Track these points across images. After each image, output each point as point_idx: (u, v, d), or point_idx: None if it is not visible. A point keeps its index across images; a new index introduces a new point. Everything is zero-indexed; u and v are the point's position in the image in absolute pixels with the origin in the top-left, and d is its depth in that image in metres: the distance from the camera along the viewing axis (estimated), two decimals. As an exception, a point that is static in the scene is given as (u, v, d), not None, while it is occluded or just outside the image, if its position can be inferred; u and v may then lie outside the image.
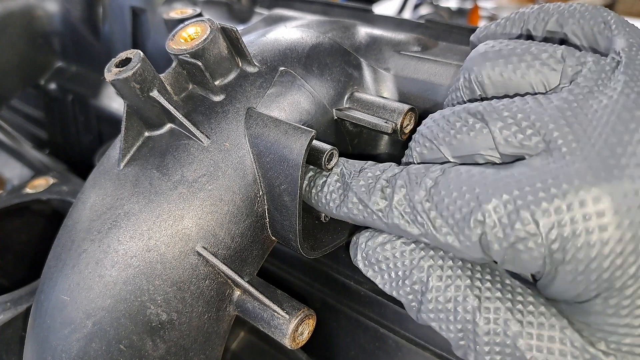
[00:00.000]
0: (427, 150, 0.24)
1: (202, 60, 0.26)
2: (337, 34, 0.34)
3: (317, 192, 0.27)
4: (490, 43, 0.25)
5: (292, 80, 0.29)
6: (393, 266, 0.24)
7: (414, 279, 0.23)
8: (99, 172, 0.28)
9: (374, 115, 0.30)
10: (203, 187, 0.25)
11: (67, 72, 0.61)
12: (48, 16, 0.58)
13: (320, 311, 0.40)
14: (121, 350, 0.24)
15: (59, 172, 0.49)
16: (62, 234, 0.27)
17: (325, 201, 0.26)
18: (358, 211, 0.25)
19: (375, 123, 0.29)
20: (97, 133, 0.60)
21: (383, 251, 0.25)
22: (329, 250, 0.29)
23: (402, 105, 0.29)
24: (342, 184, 0.26)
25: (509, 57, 0.24)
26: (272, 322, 0.26)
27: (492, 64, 0.24)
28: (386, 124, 0.29)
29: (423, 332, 0.35)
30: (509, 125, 0.22)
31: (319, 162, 0.26)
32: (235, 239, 0.26)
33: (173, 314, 0.25)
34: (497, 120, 0.22)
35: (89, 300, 0.24)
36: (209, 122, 0.27)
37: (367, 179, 0.25)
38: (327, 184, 0.26)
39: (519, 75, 0.24)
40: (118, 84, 0.24)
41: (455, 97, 0.26)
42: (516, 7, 1.49)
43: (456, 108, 0.24)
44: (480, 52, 0.25)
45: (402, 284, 0.24)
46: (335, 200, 0.26)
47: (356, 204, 0.25)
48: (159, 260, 0.24)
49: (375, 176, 0.25)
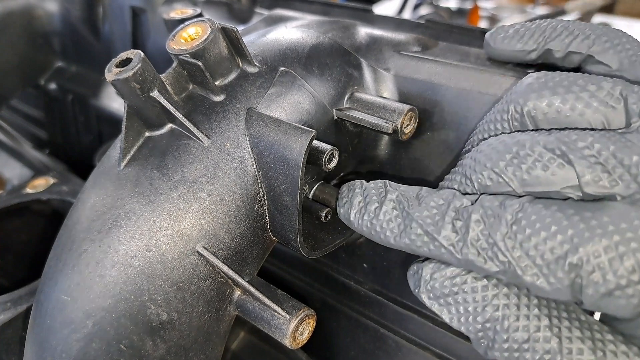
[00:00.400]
0: (492, 182, 0.24)
1: (203, 60, 0.26)
2: (337, 34, 0.34)
3: (371, 219, 0.26)
4: (536, 76, 0.25)
5: (292, 80, 0.29)
6: (462, 301, 0.23)
7: (487, 316, 0.23)
8: (99, 172, 0.28)
9: (374, 115, 0.30)
10: (203, 187, 0.25)
11: (67, 72, 0.61)
12: (48, 16, 0.58)
13: (320, 311, 0.40)
14: (121, 350, 0.24)
15: (59, 172, 0.49)
16: (62, 234, 0.27)
17: (381, 230, 0.25)
18: (423, 243, 0.24)
19: (375, 123, 0.29)
20: (97, 133, 0.60)
21: (452, 285, 0.24)
22: (329, 250, 0.29)
23: (402, 105, 0.29)
24: (400, 212, 0.25)
25: (566, 95, 0.23)
26: (272, 322, 0.26)
27: (548, 100, 0.23)
28: (386, 124, 0.29)
29: (423, 332, 0.35)
30: (595, 165, 0.21)
31: (319, 162, 0.26)
32: (235, 239, 0.26)
33: (173, 314, 0.25)
34: (582, 159, 0.21)
35: (89, 300, 0.24)
36: (209, 122, 0.27)
37: (431, 209, 0.24)
38: (382, 212, 0.25)
39: (577, 113, 0.23)
40: (118, 84, 0.24)
41: (499, 128, 0.26)
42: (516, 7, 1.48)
43: (520, 138, 0.23)
44: (534, 87, 0.24)
45: (473, 320, 0.23)
46: (394, 229, 0.25)
47: (421, 236, 0.24)
48: (160, 260, 0.24)
49: (440, 206, 0.24)
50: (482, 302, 0.23)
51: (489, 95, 0.29)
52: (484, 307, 0.23)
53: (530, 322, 0.22)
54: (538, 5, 1.49)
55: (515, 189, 0.23)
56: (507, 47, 0.29)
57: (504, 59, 0.30)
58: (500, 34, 0.29)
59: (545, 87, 0.24)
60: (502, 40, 0.29)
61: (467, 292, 0.23)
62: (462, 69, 0.31)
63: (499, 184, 0.23)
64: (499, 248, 0.22)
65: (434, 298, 0.24)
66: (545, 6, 1.46)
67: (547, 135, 0.23)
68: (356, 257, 0.37)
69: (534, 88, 0.24)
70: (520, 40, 0.28)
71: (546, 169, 0.22)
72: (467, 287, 0.23)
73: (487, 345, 0.23)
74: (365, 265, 0.37)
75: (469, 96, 0.29)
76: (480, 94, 0.29)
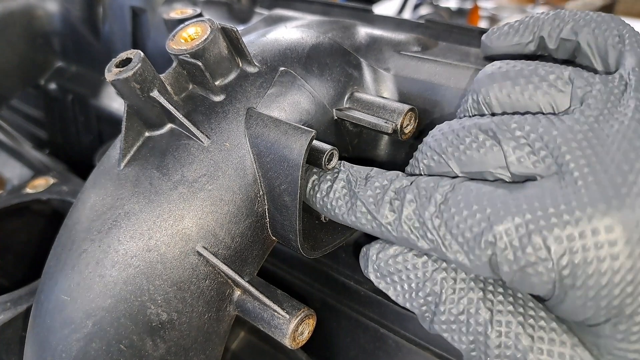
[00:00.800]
0: (434, 163, 0.24)
1: (202, 60, 0.26)
2: (337, 34, 0.34)
3: (323, 196, 0.27)
4: (497, 64, 0.25)
5: (292, 80, 0.29)
6: (406, 278, 0.24)
7: (427, 290, 0.24)
8: (99, 172, 0.28)
9: (374, 115, 0.30)
10: (203, 187, 0.25)
11: (67, 72, 0.61)
12: (48, 16, 0.58)
13: (320, 311, 0.40)
14: (121, 350, 0.24)
15: (59, 172, 0.49)
16: (62, 234, 0.27)
17: (331, 207, 0.26)
18: (367, 221, 0.25)
19: (375, 123, 0.29)
20: (97, 133, 0.60)
21: (395, 263, 0.25)
22: (329, 250, 0.29)
23: (402, 105, 0.29)
24: (348, 190, 0.26)
25: (516, 79, 0.24)
26: (272, 322, 0.26)
27: (499, 85, 0.24)
28: (386, 124, 0.29)
29: (423, 332, 0.35)
30: (522, 146, 0.22)
31: (319, 162, 0.26)
32: (235, 239, 0.26)
33: (173, 313, 0.25)
34: (510, 140, 0.22)
35: (89, 300, 0.24)
36: (209, 122, 0.27)
37: (375, 189, 0.25)
38: (333, 190, 0.26)
39: (527, 96, 0.24)
40: (118, 84, 0.24)
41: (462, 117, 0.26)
42: (516, 7, 1.49)
43: (465, 122, 0.24)
44: (487, 73, 0.25)
45: (416, 295, 0.24)
46: (342, 207, 0.26)
47: (365, 214, 0.25)
48: (159, 260, 0.24)
49: (383, 186, 0.25)
50: (423, 277, 0.24)
51: (488, 95, 0.29)
52: (424, 283, 0.24)
53: (465, 295, 0.23)
54: (538, 5, 1.49)
55: (454, 169, 0.24)
56: (504, 43, 0.29)
57: (502, 55, 0.30)
58: (495, 32, 0.29)
59: (499, 73, 0.25)
60: (498, 37, 0.29)
61: (409, 269, 0.24)
62: (462, 69, 0.31)
63: (440, 164, 0.24)
64: (427, 227, 0.22)
65: (381, 277, 0.25)
66: (545, 6, 1.46)
67: (486, 118, 0.24)
68: (356, 257, 0.37)
69: (487, 74, 0.25)
70: (516, 33, 0.28)
71: (480, 150, 0.23)
72: (408, 264, 0.24)
73: (430, 319, 0.24)
74: (365, 265, 0.37)
75: (469, 96, 0.29)
76: (480, 94, 0.29)
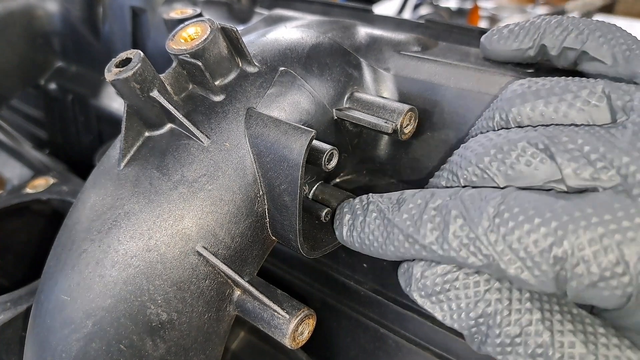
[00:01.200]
0: (477, 178, 0.24)
1: (202, 60, 0.26)
2: (337, 34, 0.34)
3: (359, 233, 0.26)
4: (525, 82, 0.25)
5: (292, 80, 0.29)
6: (454, 298, 0.23)
7: (480, 311, 0.22)
8: (99, 172, 0.28)
9: (374, 115, 0.30)
10: (203, 187, 0.25)
11: (67, 72, 0.61)
12: (48, 16, 0.58)
13: (320, 311, 0.40)
14: (121, 350, 0.24)
15: (59, 172, 0.49)
16: (62, 234, 0.27)
17: (369, 242, 0.25)
18: (406, 248, 0.24)
19: (375, 123, 0.29)
20: (97, 133, 0.60)
21: (443, 283, 0.23)
22: (329, 250, 0.29)
23: (402, 105, 0.29)
24: (382, 220, 0.25)
25: (549, 97, 0.24)
26: (272, 322, 0.26)
27: (531, 105, 0.24)
28: (386, 124, 0.29)
29: (423, 332, 0.35)
30: (577, 158, 0.21)
31: (319, 162, 0.26)
32: (235, 239, 0.26)
33: (173, 313, 0.25)
34: (564, 153, 0.21)
35: (89, 300, 0.24)
36: (209, 122, 0.27)
37: (410, 211, 0.24)
38: (367, 224, 0.25)
39: (561, 114, 0.23)
40: (118, 84, 0.24)
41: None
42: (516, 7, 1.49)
43: (510, 135, 0.23)
44: (518, 93, 0.25)
45: (466, 316, 0.23)
46: (379, 238, 0.25)
47: (402, 241, 0.24)
48: (159, 260, 0.24)
49: (418, 205, 0.24)
50: (474, 297, 0.23)
51: (488, 95, 0.29)
52: (476, 303, 0.23)
53: (522, 316, 0.22)
54: (538, 5, 1.49)
55: (500, 184, 0.23)
56: (504, 48, 0.29)
57: (501, 59, 0.30)
58: (495, 35, 0.29)
59: (530, 92, 0.24)
60: (498, 41, 0.29)
61: (459, 289, 0.23)
62: (461, 69, 0.31)
63: (484, 179, 0.23)
64: (481, 242, 0.21)
65: (426, 296, 0.24)
66: (545, 6, 1.46)
67: (531, 131, 0.23)
68: (356, 257, 0.37)
69: (517, 94, 0.25)
70: (516, 39, 0.28)
71: (529, 164, 0.22)
72: (458, 283, 0.23)
73: (481, 340, 0.23)
74: (365, 265, 0.37)
75: (469, 96, 0.29)
76: (479, 94, 0.29)
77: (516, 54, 0.28)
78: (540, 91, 0.24)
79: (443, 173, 0.26)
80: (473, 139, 0.25)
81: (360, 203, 0.27)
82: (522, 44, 0.28)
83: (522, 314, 0.22)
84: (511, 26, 0.29)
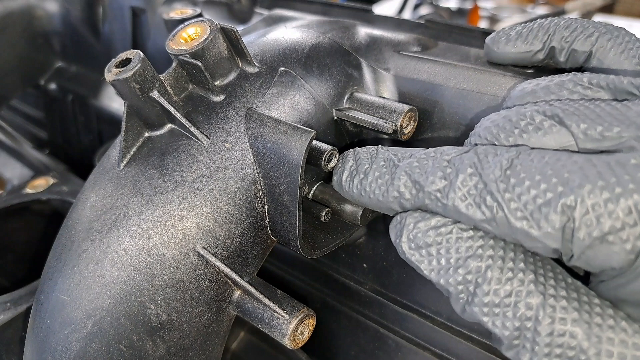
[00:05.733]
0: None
1: (202, 60, 0.26)
2: (337, 34, 0.34)
3: (361, 179, 0.25)
4: (532, 82, 0.25)
5: (292, 80, 0.29)
6: (445, 252, 0.22)
7: (470, 267, 0.21)
8: (99, 172, 0.28)
9: (374, 115, 0.30)
10: (203, 188, 0.25)
11: (67, 72, 0.61)
12: (48, 16, 0.58)
13: (320, 311, 0.40)
14: (121, 350, 0.24)
15: (59, 172, 0.49)
16: (62, 234, 0.27)
17: (370, 189, 0.25)
18: (410, 195, 0.23)
19: (375, 123, 0.29)
20: (97, 133, 0.60)
21: (436, 235, 0.22)
22: (329, 250, 0.29)
23: (402, 105, 0.29)
24: (389, 168, 0.24)
25: (548, 88, 0.24)
26: (272, 322, 0.26)
27: (532, 98, 0.24)
28: (386, 124, 0.29)
29: (423, 332, 0.35)
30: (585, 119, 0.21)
31: (319, 163, 0.26)
32: (235, 239, 0.26)
33: (173, 314, 0.25)
34: (573, 115, 0.21)
35: (88, 300, 0.24)
36: (209, 123, 0.27)
37: (422, 160, 0.23)
38: (372, 170, 0.25)
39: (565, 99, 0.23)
40: (118, 85, 0.24)
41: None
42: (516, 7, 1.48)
43: (519, 109, 0.23)
44: (527, 91, 0.25)
45: (454, 271, 0.22)
46: (381, 186, 0.24)
47: (409, 187, 0.23)
48: (159, 261, 0.24)
49: (431, 157, 0.23)
50: (466, 252, 0.22)
51: (488, 95, 0.29)
52: (467, 258, 0.22)
53: (514, 275, 0.21)
54: (538, 5, 1.49)
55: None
56: (512, 49, 0.29)
57: (508, 62, 0.30)
58: (502, 36, 0.29)
59: (539, 89, 0.24)
60: (506, 42, 0.29)
61: (451, 242, 0.22)
62: (461, 69, 0.31)
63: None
64: (489, 191, 0.21)
65: (415, 248, 0.23)
66: (545, 6, 1.46)
67: (540, 104, 0.23)
68: (356, 257, 0.37)
69: (529, 93, 0.25)
70: (525, 41, 0.28)
71: (538, 131, 0.22)
72: (452, 237, 0.22)
73: (467, 300, 0.22)
74: (365, 265, 0.37)
75: (469, 96, 0.29)
76: (479, 94, 0.29)
77: (524, 56, 0.28)
78: (550, 87, 0.24)
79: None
80: (484, 118, 0.25)
81: (368, 151, 0.26)
82: (532, 46, 0.28)
83: (514, 273, 0.21)
84: (517, 28, 0.29)
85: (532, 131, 0.22)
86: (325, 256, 0.32)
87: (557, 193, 0.19)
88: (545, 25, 0.28)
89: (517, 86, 0.26)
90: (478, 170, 0.21)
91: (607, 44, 0.25)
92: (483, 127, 0.24)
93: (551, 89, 0.24)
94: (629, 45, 0.25)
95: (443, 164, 0.23)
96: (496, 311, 0.21)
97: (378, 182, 0.24)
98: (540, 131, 0.22)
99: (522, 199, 0.20)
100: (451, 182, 0.22)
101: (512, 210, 0.20)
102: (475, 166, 0.22)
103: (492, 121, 0.24)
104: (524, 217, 0.20)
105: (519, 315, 0.20)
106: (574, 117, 0.21)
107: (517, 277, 0.21)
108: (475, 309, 0.21)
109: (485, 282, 0.21)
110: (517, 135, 0.22)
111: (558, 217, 0.19)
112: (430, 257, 0.23)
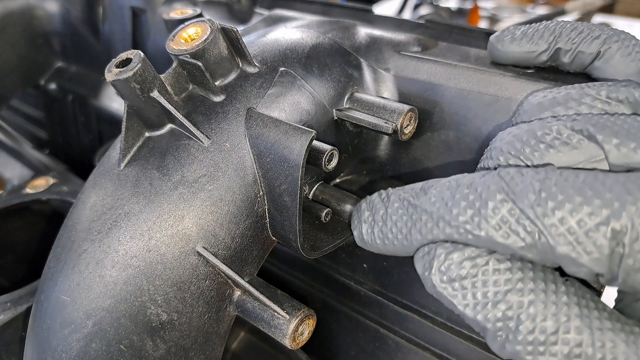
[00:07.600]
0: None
1: (203, 60, 0.26)
2: (337, 34, 0.34)
3: (380, 227, 0.24)
4: (540, 94, 0.25)
5: (292, 80, 0.29)
6: (482, 285, 0.21)
7: (511, 302, 0.20)
8: (99, 172, 0.28)
9: (374, 115, 0.30)
10: (203, 188, 0.25)
11: (67, 72, 0.61)
12: (48, 16, 0.58)
13: (321, 311, 0.40)
14: (121, 350, 0.24)
15: (59, 172, 0.49)
16: (62, 234, 0.27)
17: (392, 236, 0.23)
18: (435, 235, 0.22)
19: (375, 123, 0.29)
20: (97, 133, 0.60)
21: (471, 267, 0.21)
22: (329, 250, 0.29)
23: (402, 105, 0.29)
24: (405, 209, 0.23)
25: (567, 103, 0.23)
26: (272, 322, 0.26)
27: (550, 113, 0.23)
28: (386, 125, 0.29)
29: (423, 332, 0.35)
30: (618, 133, 0.20)
31: (319, 163, 0.26)
32: (235, 239, 0.26)
33: (173, 314, 0.25)
34: (604, 129, 0.20)
35: (89, 300, 0.24)
36: (209, 123, 0.27)
37: (439, 194, 0.22)
38: (389, 216, 0.24)
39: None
40: (118, 85, 0.24)
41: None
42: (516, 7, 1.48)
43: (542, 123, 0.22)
44: (535, 103, 0.24)
45: (493, 307, 0.20)
46: (402, 229, 0.23)
47: (431, 226, 0.22)
48: (160, 261, 0.24)
49: (448, 186, 0.22)
50: (505, 286, 0.20)
51: (488, 95, 0.29)
52: (506, 292, 0.20)
53: (559, 310, 0.19)
54: (538, 5, 1.49)
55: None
56: (517, 49, 0.28)
57: (511, 61, 0.29)
58: (507, 35, 0.29)
59: (546, 101, 0.24)
60: (511, 42, 0.28)
61: (488, 275, 0.20)
62: (462, 69, 0.31)
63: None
64: (526, 216, 0.19)
65: (448, 281, 0.21)
66: (545, 6, 1.46)
67: (563, 119, 0.22)
68: (356, 257, 0.37)
69: (537, 105, 0.24)
70: (530, 40, 0.28)
71: (564, 146, 0.21)
72: (488, 268, 0.21)
73: (506, 337, 0.20)
74: (365, 265, 0.37)
75: (469, 96, 0.29)
76: (480, 94, 0.29)
77: (527, 56, 0.28)
78: (557, 98, 0.23)
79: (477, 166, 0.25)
80: (503, 131, 0.23)
81: (380, 196, 0.25)
82: (537, 46, 0.27)
83: (559, 307, 0.20)
84: (522, 28, 0.29)
85: (559, 146, 0.21)
86: (325, 256, 0.32)
87: (605, 217, 0.18)
88: (551, 27, 0.27)
89: (531, 99, 0.25)
90: (510, 196, 0.20)
91: (614, 46, 0.25)
92: (505, 141, 0.23)
93: (569, 104, 0.23)
94: (635, 48, 0.25)
95: (464, 192, 0.21)
96: (541, 349, 0.20)
97: (399, 226, 0.23)
98: (567, 146, 0.21)
99: (565, 223, 0.19)
100: (479, 210, 0.21)
101: (554, 236, 0.19)
102: (505, 191, 0.20)
103: (514, 135, 0.22)
104: (568, 242, 0.19)
105: (567, 352, 0.19)
106: (605, 132, 0.20)
107: (562, 311, 0.20)
108: (518, 347, 0.20)
109: (529, 318, 0.20)
110: (544, 150, 0.21)
111: (607, 242, 0.18)
112: (464, 291, 0.21)
